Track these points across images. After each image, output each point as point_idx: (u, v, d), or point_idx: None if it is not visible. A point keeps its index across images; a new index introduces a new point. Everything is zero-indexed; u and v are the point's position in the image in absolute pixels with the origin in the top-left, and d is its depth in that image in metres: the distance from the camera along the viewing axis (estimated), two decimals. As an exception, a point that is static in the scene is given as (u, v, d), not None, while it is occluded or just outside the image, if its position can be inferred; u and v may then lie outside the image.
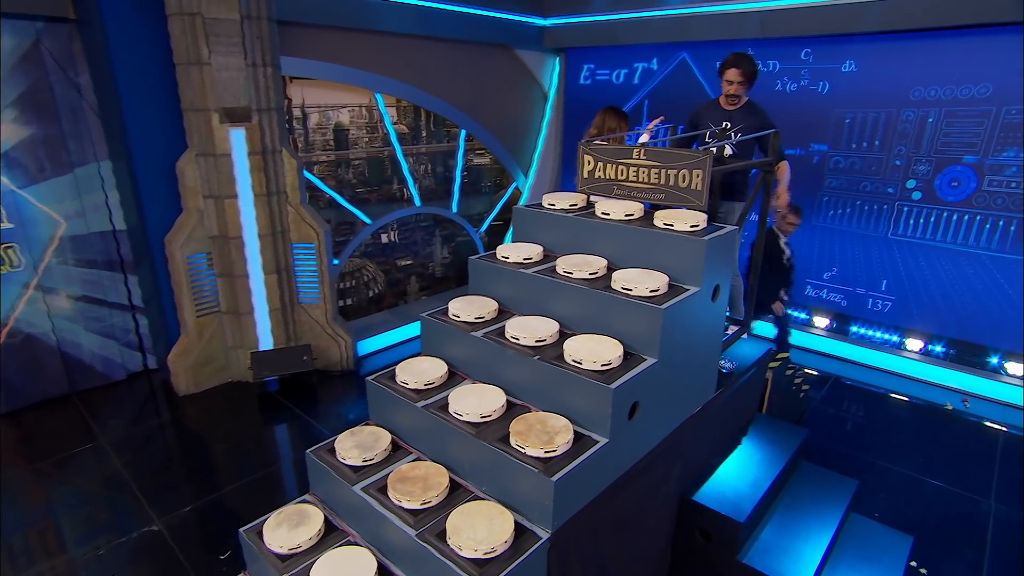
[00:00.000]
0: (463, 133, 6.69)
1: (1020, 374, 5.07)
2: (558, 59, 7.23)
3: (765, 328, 6.06)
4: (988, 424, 4.87)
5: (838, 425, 4.75)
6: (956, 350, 5.40)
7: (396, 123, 6.14)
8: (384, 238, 6.45)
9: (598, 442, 2.18)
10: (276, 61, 4.50)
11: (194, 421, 4.57)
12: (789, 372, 4.23)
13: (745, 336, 3.77)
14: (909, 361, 5.52)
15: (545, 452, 2.08)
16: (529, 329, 2.50)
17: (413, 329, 6.15)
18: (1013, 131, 5.07)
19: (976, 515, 3.71)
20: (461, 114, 6.53)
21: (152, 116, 4.29)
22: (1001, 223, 5.32)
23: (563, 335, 2.53)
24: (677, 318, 2.36)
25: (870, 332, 5.76)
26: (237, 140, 4.37)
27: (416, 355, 2.83)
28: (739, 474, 3.16)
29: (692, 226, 2.56)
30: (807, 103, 5.59)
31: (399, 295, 6.81)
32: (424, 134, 6.48)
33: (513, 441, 2.15)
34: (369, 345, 5.89)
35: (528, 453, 2.09)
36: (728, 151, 3.66)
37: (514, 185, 7.48)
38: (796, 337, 6.00)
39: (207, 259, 4.66)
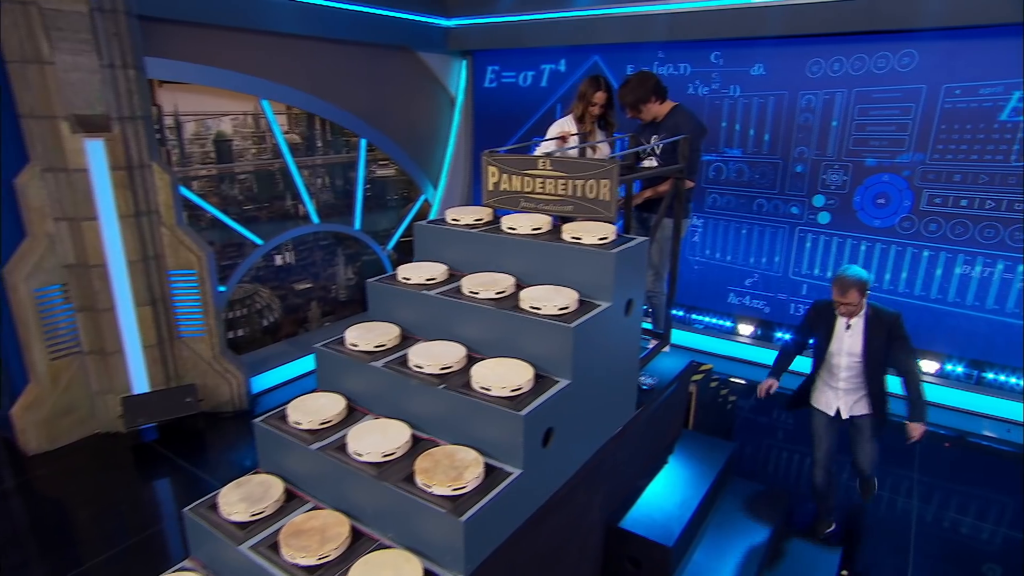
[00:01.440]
0: (363, 142, 6.63)
1: (934, 371, 5.57)
2: (464, 62, 7.34)
3: (682, 337, 6.26)
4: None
5: (768, 435, 5.03)
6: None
7: (287, 132, 5.99)
8: (278, 260, 6.25)
9: (511, 474, 2.20)
10: (139, 63, 4.29)
11: (48, 485, 4.20)
12: (714, 384, 4.45)
13: (667, 349, 3.95)
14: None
15: (453, 490, 2.08)
16: (433, 356, 2.50)
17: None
18: (958, 120, 4.63)
19: (900, 517, 4.02)
20: (360, 122, 6.47)
21: (-21, 123, 3.96)
22: (943, 258, 4.90)
23: (471, 360, 2.55)
24: (589, 336, 2.43)
25: (789, 336, 6.13)
26: (94, 153, 4.12)
27: (313, 391, 2.77)
28: (666, 495, 3.28)
29: (601, 239, 2.66)
30: (719, 106, 5.94)
31: (299, 323, 6.60)
32: (320, 144, 6.36)
33: (418, 480, 2.13)
34: (265, 380, 5.67)
35: (435, 492, 2.08)
36: (652, 163, 3.82)
37: (423, 198, 7.48)
38: (721, 346, 6.31)
39: (62, 292, 4.34)
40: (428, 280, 2.84)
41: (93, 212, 4.24)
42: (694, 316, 6.62)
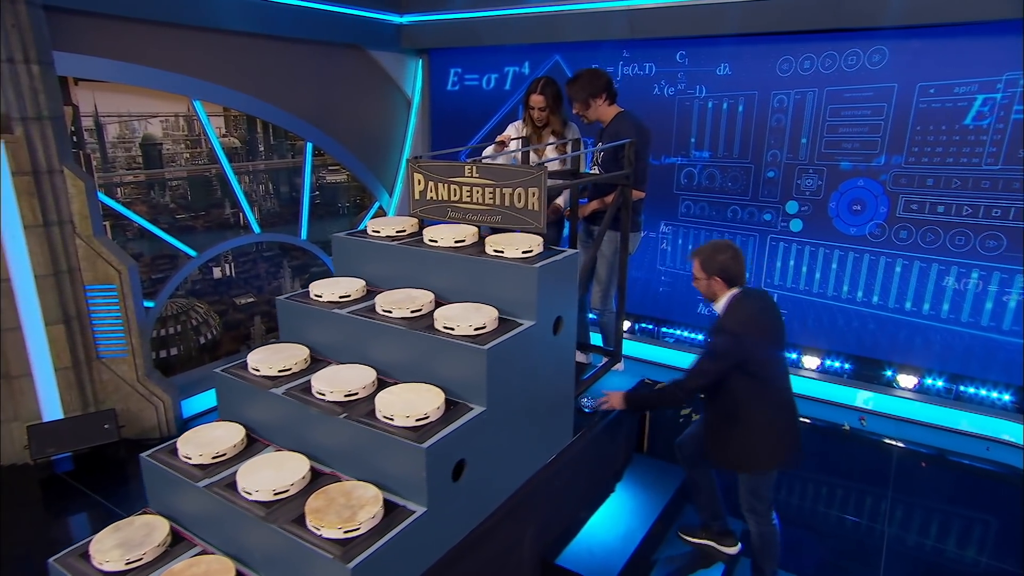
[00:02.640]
0: (309, 146, 6.52)
1: (912, 386, 5.55)
2: (420, 61, 7.27)
3: (653, 352, 6.17)
4: (886, 441, 5.27)
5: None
6: (853, 365, 5.80)
7: (225, 136, 5.87)
8: (217, 272, 6.10)
9: (414, 512, 2.10)
10: (47, 58, 4.15)
11: (-60, 524, 4.00)
12: (673, 403, 4.37)
13: (620, 368, 3.87)
14: (807, 380, 5.87)
15: (345, 532, 1.98)
16: (338, 382, 2.40)
17: (255, 381, 5.82)
18: (934, 121, 4.62)
19: (870, 543, 3.96)
20: (306, 125, 6.35)
21: None
22: (917, 267, 4.92)
23: (382, 385, 2.46)
24: (506, 358, 2.34)
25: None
26: (-6, 158, 3.98)
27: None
28: (610, 527, 3.19)
29: (525, 252, 2.58)
30: (686, 108, 5.91)
31: (241, 339, 6.44)
32: (262, 148, 6.24)
33: (309, 521, 2.03)
34: (200, 403, 5.50)
35: (324, 535, 1.98)
36: (594, 171, 3.77)
37: (377, 205, 7.37)
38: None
39: (-40, 310, 4.17)
40: (342, 297, 2.74)
41: (-6, 222, 4.08)
42: (664, 329, 6.56)
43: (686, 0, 5.34)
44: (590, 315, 4.35)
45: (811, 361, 5.90)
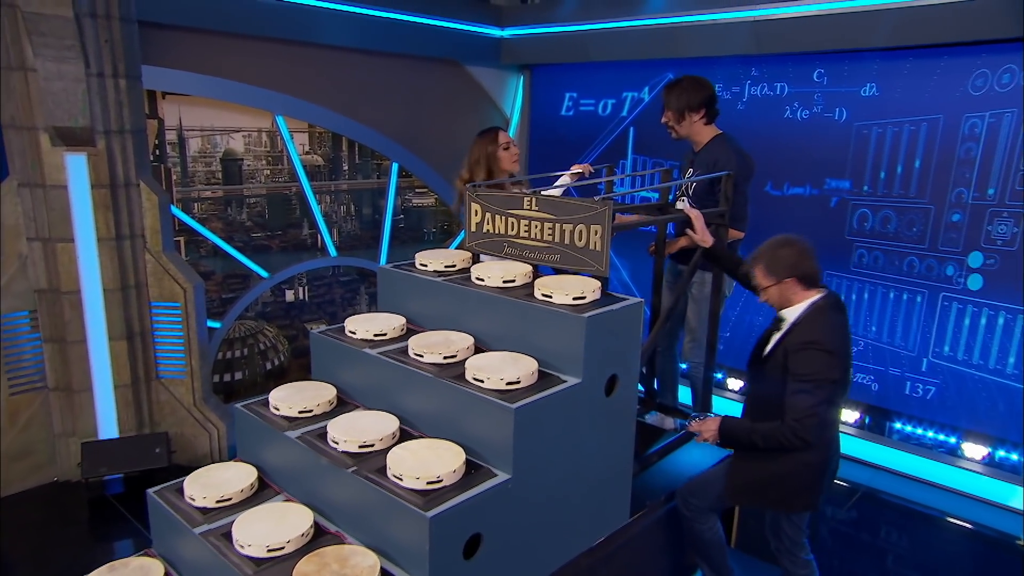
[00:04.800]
0: (395, 167, 6.76)
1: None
2: (522, 78, 7.38)
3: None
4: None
5: (855, 562, 4.49)
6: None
7: (307, 153, 6.22)
8: (289, 295, 6.42)
9: (412, 591, 2.04)
10: (135, 72, 4.58)
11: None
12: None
13: (707, 438, 3.63)
14: (968, 473, 5.27)
15: (330, 605, 1.94)
16: (355, 430, 2.40)
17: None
18: None
19: None
20: (393, 144, 6.60)
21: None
22: None
23: (404, 438, 2.43)
24: (540, 419, 2.24)
25: (911, 428, 5.53)
26: (75, 169, 4.40)
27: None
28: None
29: (576, 297, 2.48)
30: (822, 133, 5.58)
31: (309, 367, 6.70)
32: (346, 167, 6.54)
33: (296, 587, 2.01)
34: (260, 434, 5.75)
35: (308, 606, 1.95)
36: (684, 204, 3.62)
37: (464, 232, 7.50)
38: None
39: (30, 319, 4.61)
40: (376, 336, 2.76)
41: (70, 233, 4.49)
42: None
43: (825, 8, 5.06)
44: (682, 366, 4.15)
45: (976, 450, 5.28)
